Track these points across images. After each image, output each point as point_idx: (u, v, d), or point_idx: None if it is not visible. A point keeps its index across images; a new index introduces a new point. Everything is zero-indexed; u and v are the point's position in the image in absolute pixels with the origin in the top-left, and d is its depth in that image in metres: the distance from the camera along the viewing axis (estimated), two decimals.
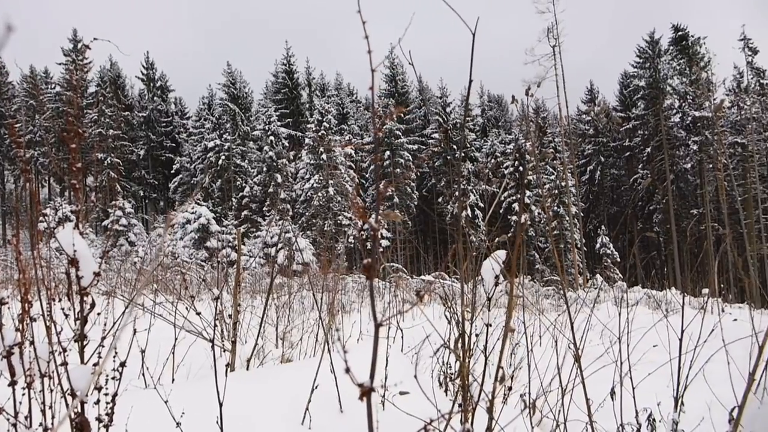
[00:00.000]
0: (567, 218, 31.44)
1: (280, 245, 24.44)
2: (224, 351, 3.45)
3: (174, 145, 45.94)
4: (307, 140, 33.88)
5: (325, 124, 33.26)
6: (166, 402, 1.72)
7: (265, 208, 34.03)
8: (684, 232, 33.99)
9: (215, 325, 2.18)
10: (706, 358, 2.13)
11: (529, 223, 32.98)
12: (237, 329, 3.12)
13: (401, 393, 1.52)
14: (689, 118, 34.05)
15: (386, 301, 8.44)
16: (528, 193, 33.25)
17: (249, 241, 28.10)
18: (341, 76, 51.13)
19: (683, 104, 34.61)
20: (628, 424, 2.30)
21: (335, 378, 2.48)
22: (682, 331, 1.95)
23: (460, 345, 1.20)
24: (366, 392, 0.53)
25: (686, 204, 36.37)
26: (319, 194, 31.85)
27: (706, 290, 16.40)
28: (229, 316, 3.04)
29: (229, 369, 2.90)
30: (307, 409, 2.32)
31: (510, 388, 2.17)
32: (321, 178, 32.25)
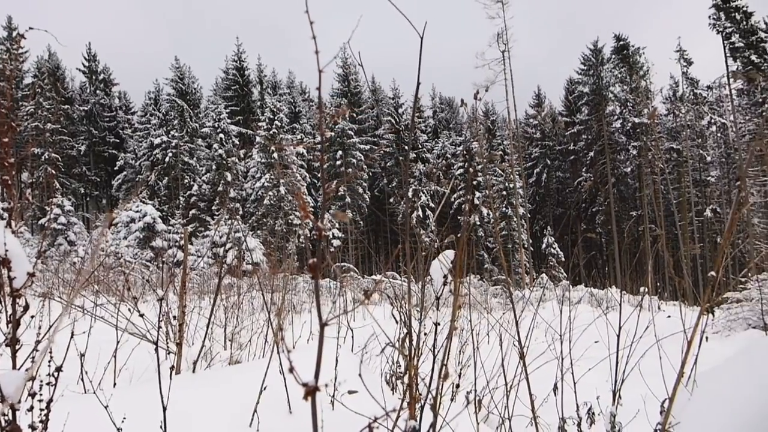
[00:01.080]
0: (514, 219, 32.27)
1: (229, 245, 23.94)
2: (169, 353, 3.35)
3: (118, 140, 44.20)
4: (258, 138, 33.34)
5: (276, 122, 32.83)
6: (106, 407, 1.66)
7: (214, 207, 33.25)
8: (628, 232, 35.54)
9: (159, 327, 2.12)
10: (642, 354, 2.24)
11: (478, 223, 33.64)
12: (183, 331, 3.04)
13: (350, 392, 1.53)
14: (629, 124, 35.62)
15: (334, 300, 8.43)
16: (477, 194, 33.91)
17: (197, 241, 27.38)
18: (294, 75, 50.62)
19: (624, 111, 36.18)
20: (570, 417, 2.39)
21: (284, 379, 2.45)
22: (620, 328, 2.04)
23: (406, 344, 1.22)
24: (310, 392, 0.53)
25: (626, 206, 38.01)
26: (270, 193, 31.41)
27: (643, 288, 17.19)
28: (174, 317, 2.96)
29: (174, 372, 2.82)
30: (255, 411, 2.29)
31: (458, 386, 2.21)
32: (272, 177, 31.80)
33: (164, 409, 1.65)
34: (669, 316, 7.08)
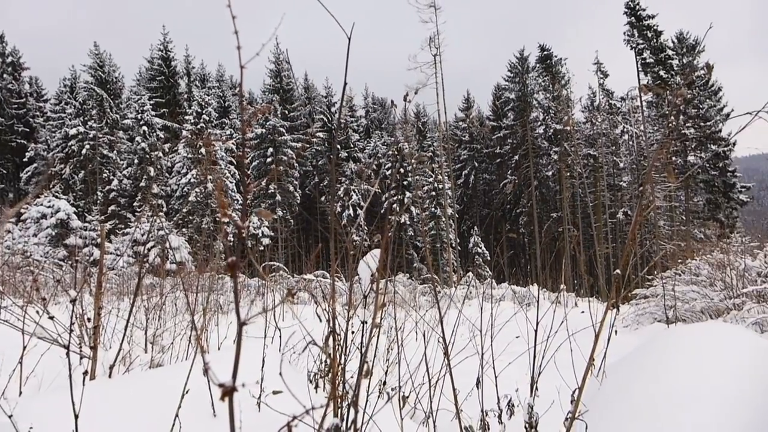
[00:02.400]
0: (443, 219, 33.01)
1: (151, 243, 22.89)
2: (83, 358, 3.17)
3: (28, 130, 41.10)
4: (184, 132, 32.10)
5: (204, 116, 31.74)
6: (10, 417, 1.56)
7: (135, 203, 31.66)
8: (546, 232, 37.29)
9: (71, 330, 2.00)
10: (557, 347, 2.37)
11: (407, 223, 34.12)
12: (98, 334, 2.88)
13: (274, 392, 1.51)
14: (551, 131, 37.41)
15: (252, 300, 8.28)
16: (407, 194, 34.38)
17: (117, 239, 25.97)
18: (224, 68, 49.11)
19: (546, 117, 37.95)
20: (491, 410, 2.48)
21: (208, 381, 2.39)
22: (537, 324, 2.14)
23: (330, 342, 1.23)
24: (227, 392, 0.53)
25: (547, 207, 39.85)
26: (197, 190, 30.34)
27: (562, 286, 18.12)
28: (89, 319, 2.81)
29: (88, 377, 2.67)
30: (176, 415, 2.22)
31: (384, 383, 2.24)
32: (199, 173, 30.72)
33: (76, 417, 1.57)
34: (583, 312, 7.51)
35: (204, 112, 31.90)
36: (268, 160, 35.96)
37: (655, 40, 31.63)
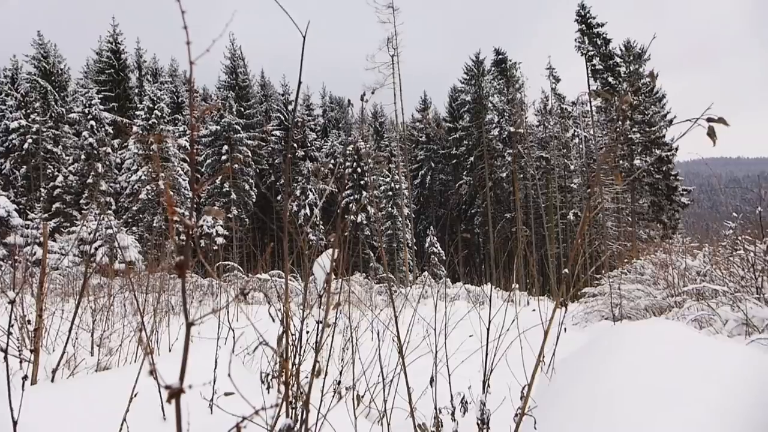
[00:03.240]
0: (399, 219, 33.20)
1: (99, 242, 22.05)
2: (23, 362, 3.03)
3: None
4: (135, 128, 31.06)
5: (156, 111, 30.81)
6: None
7: (82, 201, 30.41)
8: (499, 232, 38.05)
9: (10, 333, 1.91)
10: (508, 345, 2.42)
11: (364, 222, 34.14)
12: (40, 336, 2.76)
13: (226, 394, 1.47)
14: (505, 133, 38.20)
15: (201, 299, 8.11)
16: (364, 193, 34.41)
17: (62, 238, 24.88)
18: (177, 62, 47.76)
19: (501, 120, 38.73)
20: (445, 407, 2.52)
21: (158, 384, 2.33)
22: (489, 322, 2.19)
23: (283, 342, 1.22)
24: (174, 394, 0.52)
25: (501, 208, 40.65)
26: (148, 187, 29.43)
27: (515, 285, 18.55)
28: (29, 321, 2.69)
29: (28, 382, 2.56)
30: (124, 419, 2.15)
31: (339, 382, 2.24)
32: (150, 170, 29.80)
33: (14, 423, 1.50)
34: (534, 310, 7.70)
35: (156, 107, 30.98)
36: (223, 157, 35.24)
37: (604, 48, 32.78)
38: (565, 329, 2.48)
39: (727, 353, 1.64)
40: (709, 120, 1.37)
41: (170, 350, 4.71)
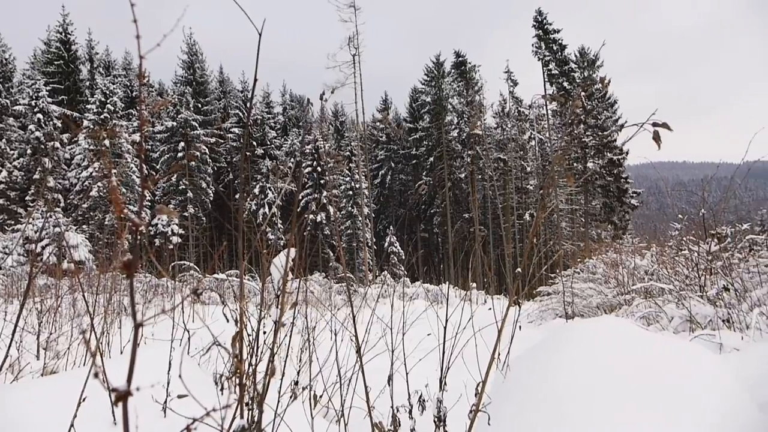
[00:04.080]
0: (359, 218, 33.21)
1: (46, 240, 21.15)
2: None
3: None
4: (86, 122, 29.95)
5: (109, 106, 29.79)
6: None
7: (28, 197, 29.10)
8: (457, 232, 38.59)
9: None
10: (465, 343, 2.47)
11: (324, 221, 33.99)
12: None
13: (179, 396, 1.44)
14: (464, 134, 38.76)
15: (149, 300, 7.94)
16: (324, 193, 34.25)
17: (5, 236, 23.73)
18: (131, 55, 46.27)
19: (460, 122, 39.27)
20: (403, 406, 2.55)
21: (108, 388, 2.26)
22: (447, 321, 2.23)
23: (237, 343, 1.21)
24: (121, 397, 0.51)
25: (460, 208, 41.21)
26: (100, 184, 28.42)
27: (473, 284, 18.86)
28: None
29: None
30: (72, 425, 2.08)
31: (296, 383, 2.23)
32: (102, 166, 28.79)
33: None
34: (490, 309, 7.85)
35: (109, 101, 29.97)
36: (179, 154, 34.38)
37: (560, 53, 33.68)
38: (520, 327, 2.54)
39: (670, 349, 1.73)
40: (654, 125, 1.44)
41: (122, 352, 4.57)
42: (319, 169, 35.07)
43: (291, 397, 2.42)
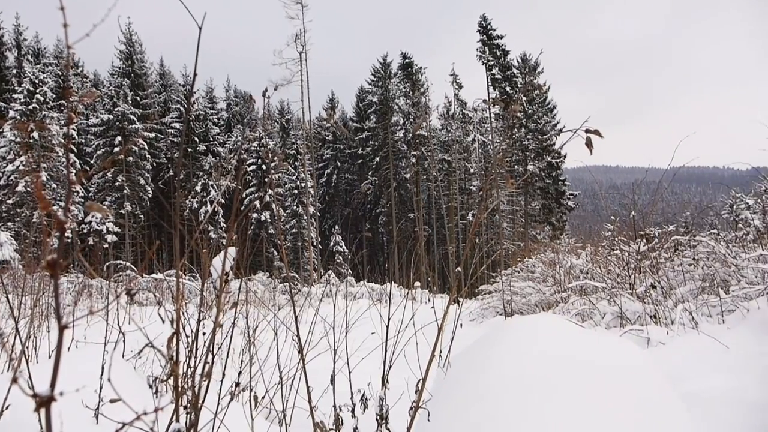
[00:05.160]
0: (305, 217, 32.91)
1: None
2: None
3: None
4: (12, 113, 28.15)
5: (38, 96, 28.13)
6: None
7: None
8: (402, 232, 38.95)
9: None
10: (407, 341, 2.50)
11: (269, 220, 33.47)
12: None
13: (112, 401, 1.38)
14: (410, 135, 39.16)
15: (76, 301, 7.62)
16: (269, 191, 33.72)
17: None
18: (63, 43, 43.86)
19: (406, 122, 39.64)
20: (345, 405, 2.55)
21: (34, 393, 2.14)
22: (389, 320, 2.25)
23: (173, 344, 1.18)
24: (43, 403, 0.49)
25: (405, 208, 41.59)
26: (27, 179, 26.79)
27: (416, 284, 19.08)
28: None
29: None
30: None
31: (237, 384, 2.19)
32: (31, 160, 27.14)
33: None
34: (432, 307, 7.98)
35: (38, 91, 28.30)
36: (116, 149, 32.92)
37: (503, 59, 34.57)
38: (461, 325, 2.60)
39: (601, 344, 1.82)
40: (586, 131, 1.51)
41: (50, 357, 4.34)
42: (263, 167, 34.48)
43: (231, 399, 2.38)
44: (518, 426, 1.20)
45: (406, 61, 40.37)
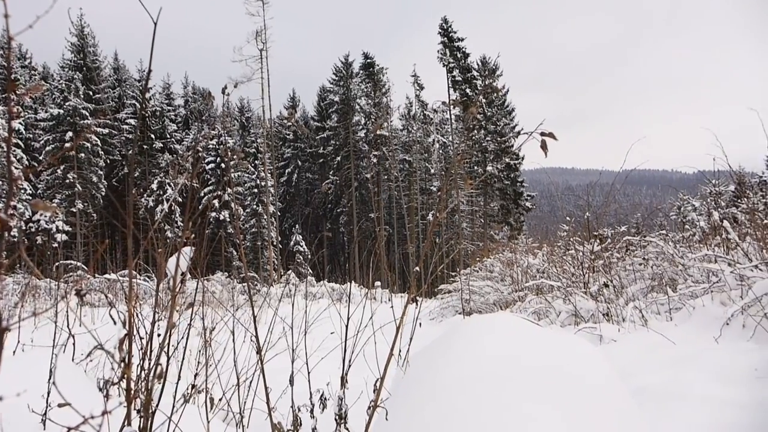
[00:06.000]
0: (265, 216, 32.51)
1: None
2: None
3: None
4: None
5: None
6: None
7: None
8: (363, 231, 38.96)
9: None
10: (365, 341, 2.51)
11: (228, 219, 32.89)
12: None
13: (60, 405, 1.33)
14: (372, 135, 39.21)
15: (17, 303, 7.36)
16: (228, 190, 33.14)
17: None
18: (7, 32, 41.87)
19: (368, 122, 39.68)
20: (304, 405, 2.54)
21: None
22: (348, 319, 2.25)
23: (125, 346, 1.15)
24: None
25: (366, 208, 41.63)
26: None
27: (377, 283, 19.11)
28: None
29: None
30: None
31: (193, 386, 2.15)
32: None
33: None
34: (392, 307, 8.02)
35: None
36: (67, 145, 31.66)
37: (463, 61, 35.03)
38: (420, 324, 2.63)
39: (555, 342, 1.87)
40: (542, 134, 1.55)
41: None
42: (222, 165, 33.87)
43: (183, 401, 2.33)
44: (472, 422, 1.23)
45: (368, 61, 40.40)
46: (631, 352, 3.60)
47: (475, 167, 34.15)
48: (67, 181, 31.39)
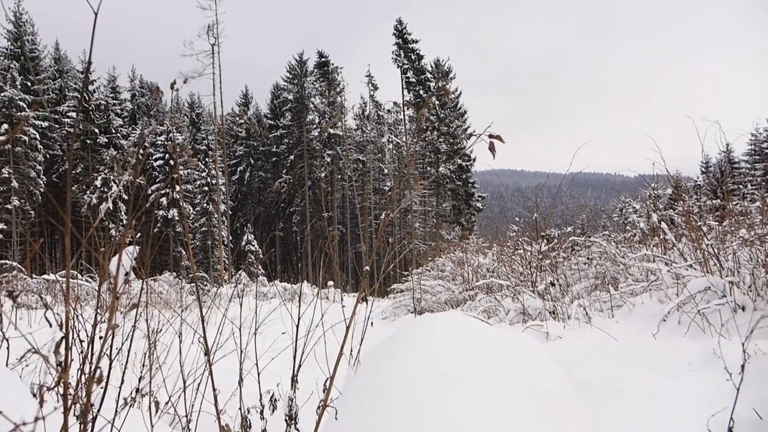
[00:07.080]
0: (215, 215, 31.80)
1: None
2: None
3: None
4: None
5: None
6: None
7: None
8: (316, 231, 38.72)
9: None
10: (316, 341, 2.50)
11: (176, 218, 32.00)
12: None
13: None
14: (326, 134, 39.01)
15: None
16: (177, 188, 32.24)
17: None
18: None
19: (322, 121, 39.46)
20: (254, 407, 2.50)
21: None
22: (299, 319, 2.24)
23: (62, 350, 1.10)
24: None
25: (319, 208, 41.40)
26: None
27: (330, 282, 19.04)
28: None
29: None
30: None
31: (138, 390, 2.08)
32: None
33: None
34: (344, 306, 8.01)
35: None
36: (1, 138, 29.97)
37: (417, 63, 35.35)
38: (372, 323, 2.64)
39: (504, 339, 1.92)
40: (490, 136, 1.59)
41: None
42: (171, 162, 32.90)
43: (131, 405, 2.25)
44: (419, 419, 1.25)
45: (323, 59, 40.17)
46: (575, 348, 3.73)
47: (428, 168, 34.53)
48: (3, 176, 29.72)
